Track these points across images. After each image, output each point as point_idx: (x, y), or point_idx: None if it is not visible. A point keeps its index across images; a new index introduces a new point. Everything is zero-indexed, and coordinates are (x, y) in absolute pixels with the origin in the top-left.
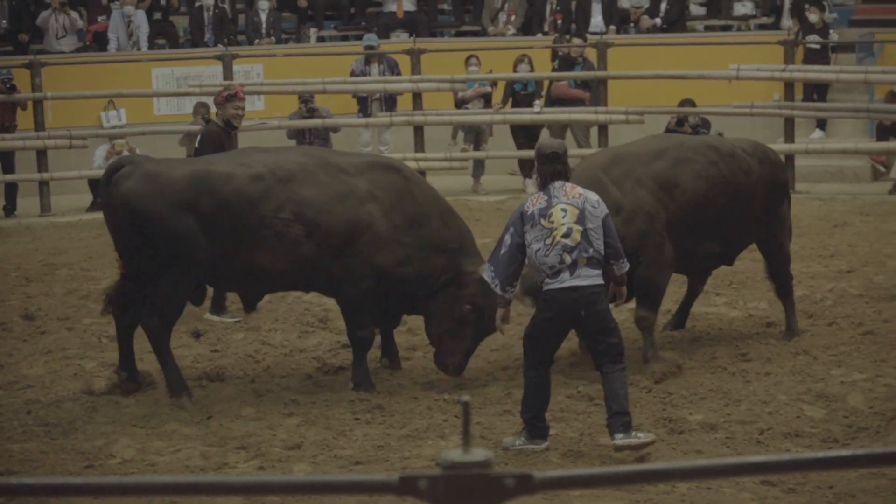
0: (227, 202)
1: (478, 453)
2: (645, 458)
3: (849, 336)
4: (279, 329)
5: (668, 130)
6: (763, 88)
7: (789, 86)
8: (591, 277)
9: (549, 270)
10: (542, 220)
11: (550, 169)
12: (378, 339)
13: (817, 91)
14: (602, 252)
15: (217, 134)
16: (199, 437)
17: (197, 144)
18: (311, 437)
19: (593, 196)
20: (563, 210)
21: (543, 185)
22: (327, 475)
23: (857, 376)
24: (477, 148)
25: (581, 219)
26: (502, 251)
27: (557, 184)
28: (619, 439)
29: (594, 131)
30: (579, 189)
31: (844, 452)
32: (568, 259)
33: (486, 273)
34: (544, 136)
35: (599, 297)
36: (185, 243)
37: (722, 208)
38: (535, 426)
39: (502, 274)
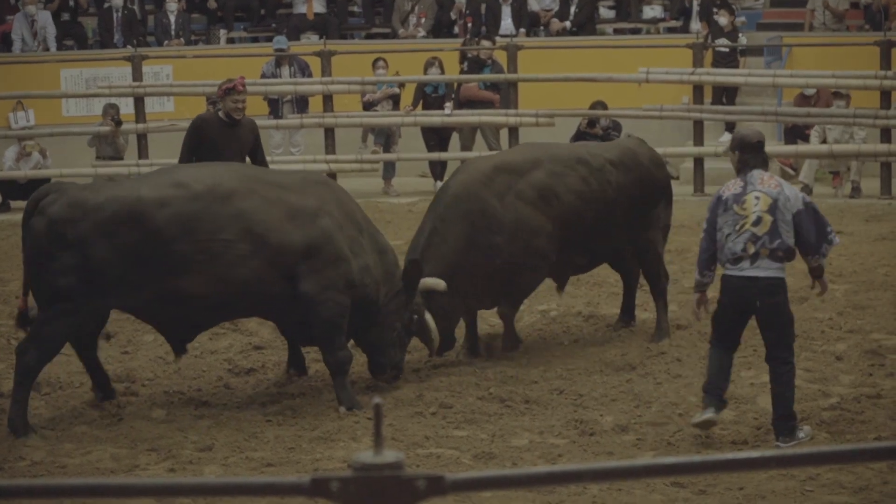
0: (160, 228)
1: (389, 455)
2: (556, 460)
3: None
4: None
5: (578, 132)
6: (672, 91)
7: (698, 89)
8: (771, 269)
9: (730, 256)
10: (735, 206)
11: (755, 158)
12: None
13: (726, 94)
14: (788, 245)
15: (204, 123)
16: (109, 439)
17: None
18: (222, 439)
19: (792, 190)
20: (757, 198)
21: (741, 173)
22: (239, 477)
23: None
24: (387, 150)
25: (773, 209)
26: (702, 236)
27: (756, 172)
28: (784, 442)
29: (504, 133)
30: (777, 179)
31: (754, 454)
32: (752, 249)
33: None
34: (743, 127)
35: (777, 289)
36: (101, 273)
37: (591, 221)
38: (719, 399)
39: (699, 257)
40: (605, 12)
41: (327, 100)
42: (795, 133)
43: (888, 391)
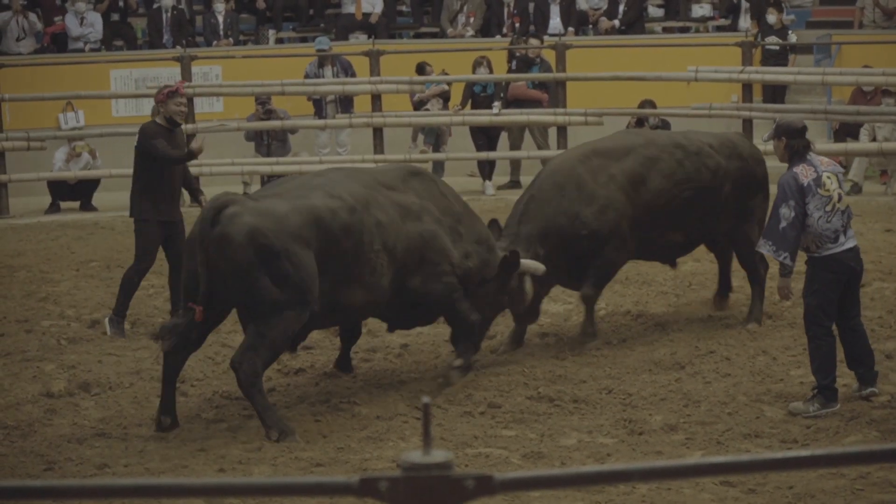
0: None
1: (438, 455)
2: (605, 459)
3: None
4: (239, 331)
5: None
6: (721, 90)
7: (747, 87)
8: (853, 237)
9: (832, 235)
10: (819, 190)
11: (803, 142)
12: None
13: (776, 93)
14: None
15: (151, 130)
16: (158, 439)
17: (136, 145)
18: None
19: (838, 165)
20: (829, 178)
21: (801, 158)
22: (288, 477)
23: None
24: (437, 149)
25: (840, 184)
26: (783, 224)
27: (812, 155)
28: (873, 390)
29: (553, 132)
30: (826, 158)
31: (804, 453)
32: (842, 224)
33: (765, 248)
34: (787, 118)
35: (858, 253)
36: (310, 280)
37: (686, 202)
38: (831, 390)
39: (790, 245)
40: (653, 11)
41: (375, 99)
42: (845, 131)
43: None
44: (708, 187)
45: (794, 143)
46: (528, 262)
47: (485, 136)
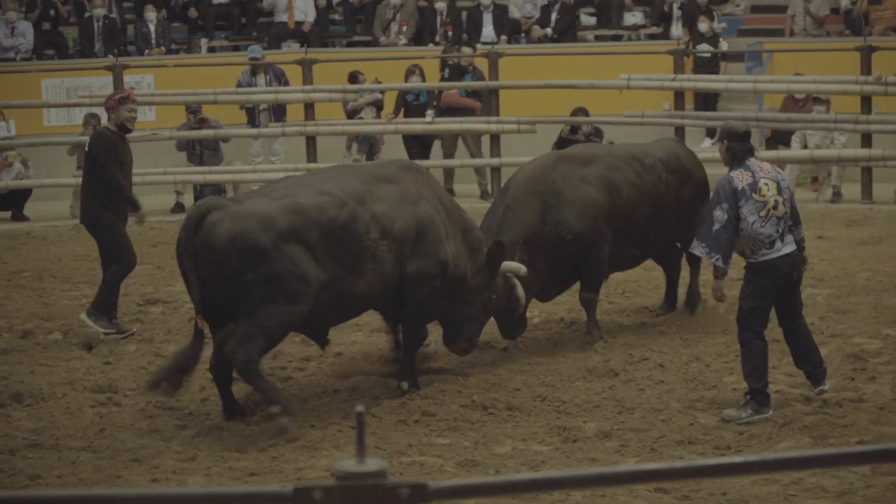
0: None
1: (372, 463)
2: (539, 467)
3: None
4: (172, 341)
5: (560, 139)
6: (653, 98)
7: (679, 95)
8: (792, 244)
9: (767, 240)
10: (754, 195)
11: (744, 146)
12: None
13: (707, 100)
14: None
15: (109, 138)
16: (91, 450)
17: (87, 149)
18: (205, 449)
19: (782, 171)
20: (766, 184)
21: (739, 162)
22: (221, 487)
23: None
24: (370, 158)
25: (780, 190)
26: (716, 227)
27: (752, 160)
28: (823, 388)
29: (486, 140)
30: (768, 164)
31: (737, 459)
32: (779, 229)
33: (698, 250)
34: (731, 123)
35: (797, 260)
36: (301, 273)
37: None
38: (763, 394)
39: (724, 248)
40: (585, 19)
41: (308, 108)
42: (778, 138)
43: (870, 395)
44: (663, 202)
45: (735, 146)
46: (509, 263)
47: (418, 145)
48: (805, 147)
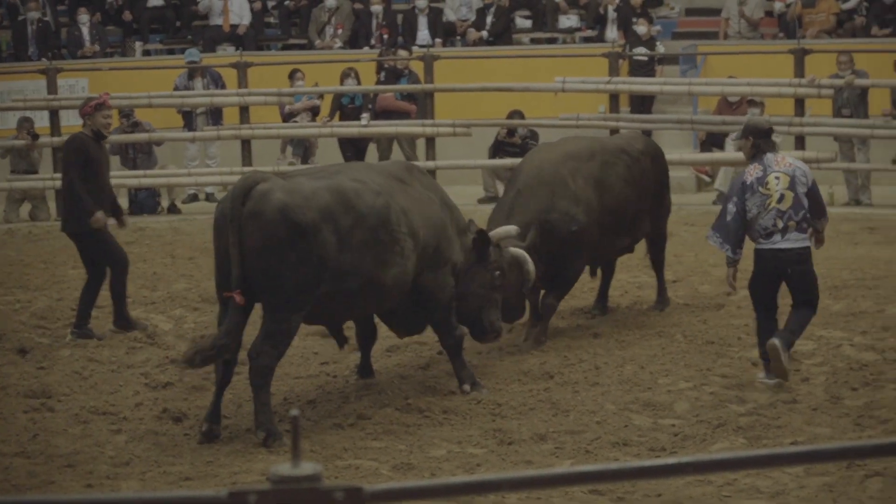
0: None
1: (307, 467)
2: (475, 470)
3: (675, 346)
4: (107, 345)
5: (497, 142)
6: (589, 100)
7: (614, 98)
8: (798, 240)
9: (762, 231)
10: (760, 188)
11: (766, 143)
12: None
13: (643, 102)
14: (808, 216)
15: (85, 143)
16: (25, 455)
17: (63, 155)
18: (139, 453)
19: (804, 165)
20: (777, 178)
21: (758, 157)
22: (156, 492)
23: (683, 385)
24: (305, 161)
25: (792, 185)
26: (728, 218)
27: (770, 155)
28: (781, 348)
29: (421, 144)
30: (789, 159)
31: (671, 461)
32: (780, 223)
33: (712, 240)
34: (755, 119)
35: (805, 256)
36: (328, 261)
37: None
38: (765, 360)
39: (732, 239)
40: (521, 22)
41: (244, 111)
42: (712, 141)
43: (803, 396)
44: (646, 191)
45: (759, 142)
46: (498, 230)
47: (353, 148)
48: (739, 149)
